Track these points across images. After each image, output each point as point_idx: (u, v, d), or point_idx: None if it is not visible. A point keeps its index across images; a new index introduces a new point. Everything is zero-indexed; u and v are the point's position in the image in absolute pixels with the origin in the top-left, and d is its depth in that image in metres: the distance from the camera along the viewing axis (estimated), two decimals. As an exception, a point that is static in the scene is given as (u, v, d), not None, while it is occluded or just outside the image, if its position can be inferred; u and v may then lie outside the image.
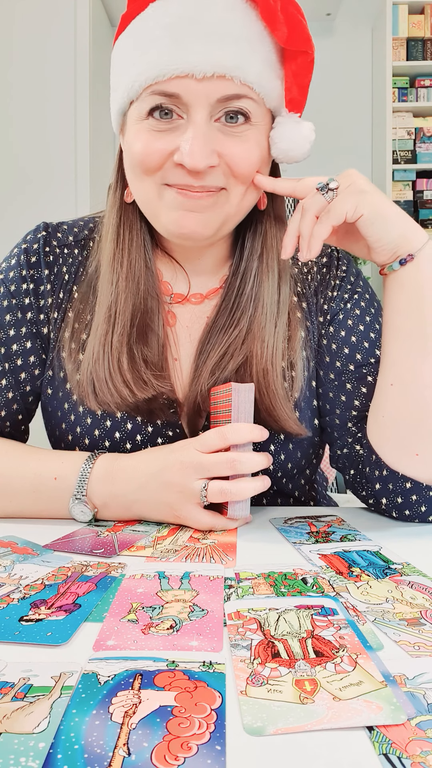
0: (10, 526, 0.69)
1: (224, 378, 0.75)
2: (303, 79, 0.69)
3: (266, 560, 0.58)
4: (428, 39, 3.74)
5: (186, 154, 0.65)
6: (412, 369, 0.67)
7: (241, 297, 0.78)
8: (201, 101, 0.64)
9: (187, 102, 0.65)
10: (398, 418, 0.69)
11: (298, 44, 0.67)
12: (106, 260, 0.77)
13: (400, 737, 0.31)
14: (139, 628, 0.43)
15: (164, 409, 0.76)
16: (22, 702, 0.34)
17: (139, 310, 0.76)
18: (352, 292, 0.83)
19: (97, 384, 0.74)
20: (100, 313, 0.76)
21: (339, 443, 0.80)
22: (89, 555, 0.59)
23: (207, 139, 0.65)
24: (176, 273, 0.81)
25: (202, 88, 0.64)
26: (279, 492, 0.82)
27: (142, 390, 0.73)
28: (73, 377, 0.77)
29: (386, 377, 0.70)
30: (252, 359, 0.75)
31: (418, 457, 0.69)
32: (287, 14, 0.66)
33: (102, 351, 0.74)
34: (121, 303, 0.75)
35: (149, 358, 0.75)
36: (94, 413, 0.76)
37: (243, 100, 0.66)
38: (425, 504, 0.71)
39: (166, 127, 0.67)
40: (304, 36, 0.67)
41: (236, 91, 0.65)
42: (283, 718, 0.33)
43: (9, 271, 0.81)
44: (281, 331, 0.78)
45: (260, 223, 0.78)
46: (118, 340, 0.74)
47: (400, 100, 3.76)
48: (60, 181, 3.09)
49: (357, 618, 0.45)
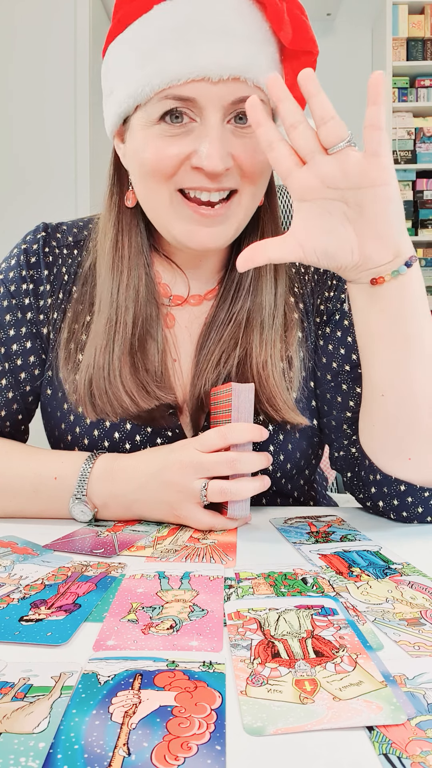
0: (10, 526, 0.69)
1: (227, 371, 0.76)
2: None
3: (266, 560, 0.58)
4: (428, 39, 3.74)
5: (205, 157, 0.65)
6: (403, 377, 0.65)
7: (239, 291, 0.78)
8: (215, 104, 0.64)
9: (202, 105, 0.65)
10: (390, 426, 0.68)
11: (302, 45, 0.67)
12: (105, 268, 0.77)
13: (400, 737, 0.31)
14: (139, 628, 0.43)
15: (163, 413, 0.76)
16: (22, 702, 0.34)
17: (140, 318, 0.76)
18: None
19: (97, 395, 0.74)
20: (99, 323, 0.76)
21: (336, 445, 0.80)
22: (89, 555, 0.59)
23: (223, 141, 0.65)
24: (175, 275, 0.81)
25: (216, 90, 0.64)
26: (278, 492, 0.82)
27: (145, 400, 0.73)
28: (69, 378, 0.77)
29: (375, 387, 0.67)
30: (251, 351, 0.76)
31: (410, 461, 0.68)
32: (292, 16, 0.66)
33: (103, 362, 0.74)
34: (122, 314, 0.75)
35: (149, 367, 0.75)
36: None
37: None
38: (421, 505, 0.71)
39: (179, 132, 0.66)
40: (308, 36, 0.67)
41: (250, 93, 0.64)
42: (283, 718, 0.33)
43: (9, 272, 0.81)
44: (279, 323, 0.78)
45: (258, 220, 0.78)
46: (119, 350, 0.74)
47: (400, 100, 3.77)
48: (60, 182, 3.09)
49: (357, 618, 0.45)
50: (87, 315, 0.79)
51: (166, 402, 0.74)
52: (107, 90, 0.72)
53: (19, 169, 3.08)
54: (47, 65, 3.08)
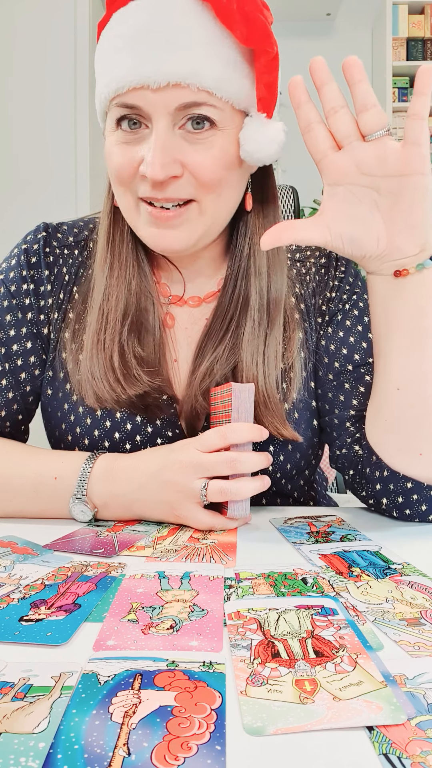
0: (10, 526, 0.69)
1: (215, 383, 0.75)
2: (268, 77, 0.67)
3: (266, 560, 0.58)
4: (428, 39, 3.75)
5: (147, 164, 0.65)
6: (420, 372, 0.65)
7: (231, 302, 0.78)
8: (160, 111, 0.64)
9: (147, 112, 0.65)
10: (402, 421, 0.68)
11: (257, 43, 0.65)
12: (99, 264, 0.78)
13: (400, 737, 0.31)
14: (139, 628, 0.43)
15: (164, 408, 0.76)
16: (22, 702, 0.34)
17: (132, 307, 0.76)
18: (350, 293, 0.83)
19: (95, 381, 0.74)
20: (93, 313, 0.77)
21: (338, 443, 0.80)
22: (89, 555, 0.59)
23: (167, 148, 0.64)
24: (173, 275, 0.81)
25: (158, 98, 0.64)
26: (278, 493, 0.82)
27: (132, 386, 0.74)
28: (74, 377, 0.77)
29: (390, 381, 0.67)
30: (242, 365, 0.75)
31: (421, 456, 0.68)
32: (244, 13, 0.64)
33: (95, 349, 0.75)
34: (112, 301, 0.76)
35: (142, 356, 0.75)
36: (93, 414, 0.76)
37: (203, 107, 0.65)
38: (426, 503, 0.71)
39: (133, 138, 0.67)
40: (263, 34, 0.65)
41: (193, 99, 0.64)
42: (283, 718, 0.33)
43: (9, 272, 0.81)
44: (276, 333, 0.77)
45: (247, 225, 0.78)
46: (110, 337, 0.75)
47: (400, 100, 3.77)
48: (60, 182, 3.09)
49: (357, 618, 0.45)
50: (89, 316, 0.79)
51: (154, 387, 0.74)
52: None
53: (19, 169, 3.07)
54: (47, 65, 3.07)
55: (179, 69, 0.63)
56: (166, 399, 0.76)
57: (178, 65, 0.63)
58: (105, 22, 0.69)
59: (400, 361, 0.66)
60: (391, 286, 0.63)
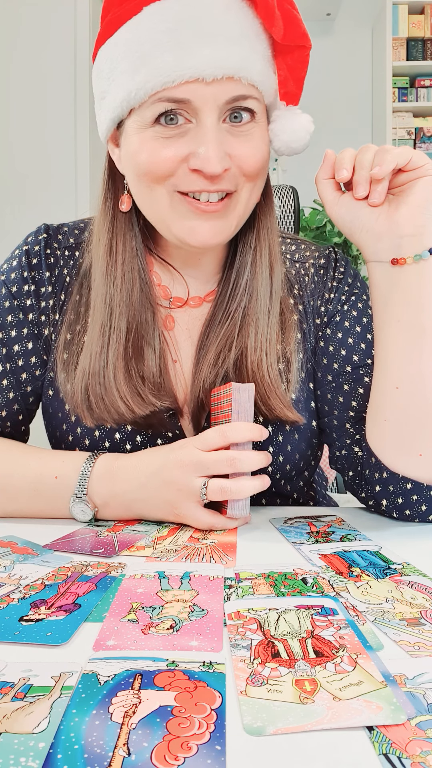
0: (10, 526, 0.69)
1: (225, 370, 0.76)
2: (299, 72, 0.69)
3: (266, 560, 0.58)
4: (428, 39, 3.75)
5: (203, 159, 0.65)
6: (418, 369, 0.66)
7: (236, 290, 0.78)
8: (210, 105, 0.64)
9: (197, 106, 0.64)
10: (402, 421, 0.68)
11: (295, 39, 0.67)
12: (99, 273, 0.77)
13: (400, 737, 0.31)
14: (139, 628, 0.43)
15: (161, 418, 0.76)
16: (22, 702, 0.34)
17: (134, 323, 0.76)
18: (349, 294, 0.83)
19: (93, 402, 0.74)
20: (94, 330, 0.76)
21: (337, 444, 0.80)
22: (89, 555, 0.59)
23: (220, 143, 0.65)
24: (173, 277, 0.81)
25: (211, 91, 0.64)
26: (277, 494, 0.83)
27: (140, 406, 0.73)
28: (67, 386, 0.76)
29: (389, 379, 0.68)
30: (247, 350, 0.76)
31: (421, 457, 0.68)
32: (283, 10, 0.66)
33: (97, 368, 0.74)
34: (115, 319, 0.75)
35: (146, 373, 0.75)
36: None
37: (249, 100, 0.66)
38: (426, 503, 0.71)
39: (174, 133, 0.66)
40: (300, 31, 0.67)
41: (244, 92, 0.65)
42: (283, 718, 0.33)
43: (10, 273, 0.81)
44: (274, 322, 0.78)
45: (254, 218, 0.78)
46: (113, 356, 0.74)
47: (400, 100, 3.77)
48: (60, 183, 3.09)
49: (357, 618, 0.45)
50: (83, 319, 0.79)
51: (163, 407, 0.74)
52: (99, 94, 0.72)
53: (19, 169, 3.07)
54: (47, 65, 3.07)
55: (231, 61, 0.63)
56: (167, 417, 0.76)
57: (230, 59, 0.63)
58: (118, 22, 0.67)
59: (398, 358, 0.67)
60: (390, 275, 0.66)
